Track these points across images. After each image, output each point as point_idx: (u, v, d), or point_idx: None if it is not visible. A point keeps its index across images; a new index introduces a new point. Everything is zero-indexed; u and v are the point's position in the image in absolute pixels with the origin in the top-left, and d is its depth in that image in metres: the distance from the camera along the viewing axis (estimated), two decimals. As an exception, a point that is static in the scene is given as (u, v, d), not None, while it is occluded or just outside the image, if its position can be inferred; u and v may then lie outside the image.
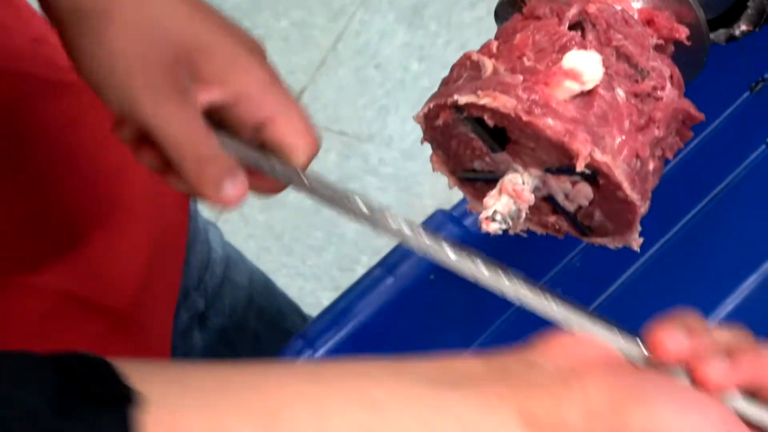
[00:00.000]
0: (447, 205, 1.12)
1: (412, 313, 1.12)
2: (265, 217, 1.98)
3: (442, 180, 0.91)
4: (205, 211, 1.19)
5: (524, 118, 0.70)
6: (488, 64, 0.74)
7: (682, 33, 0.77)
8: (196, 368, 0.62)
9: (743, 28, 0.82)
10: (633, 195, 0.72)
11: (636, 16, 0.77)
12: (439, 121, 0.75)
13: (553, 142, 0.71)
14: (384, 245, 1.12)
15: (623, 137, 0.73)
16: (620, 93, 0.73)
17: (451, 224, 1.06)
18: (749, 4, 0.81)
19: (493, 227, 0.72)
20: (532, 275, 0.70)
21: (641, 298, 1.22)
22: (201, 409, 0.58)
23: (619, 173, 0.71)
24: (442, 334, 1.15)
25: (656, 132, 0.75)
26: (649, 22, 0.77)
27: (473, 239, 0.96)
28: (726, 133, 1.12)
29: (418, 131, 0.84)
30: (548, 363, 0.63)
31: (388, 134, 1.95)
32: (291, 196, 1.13)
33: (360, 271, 1.22)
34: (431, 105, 0.75)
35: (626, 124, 0.73)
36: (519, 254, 0.84)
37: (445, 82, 0.78)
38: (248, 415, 0.59)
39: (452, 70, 0.78)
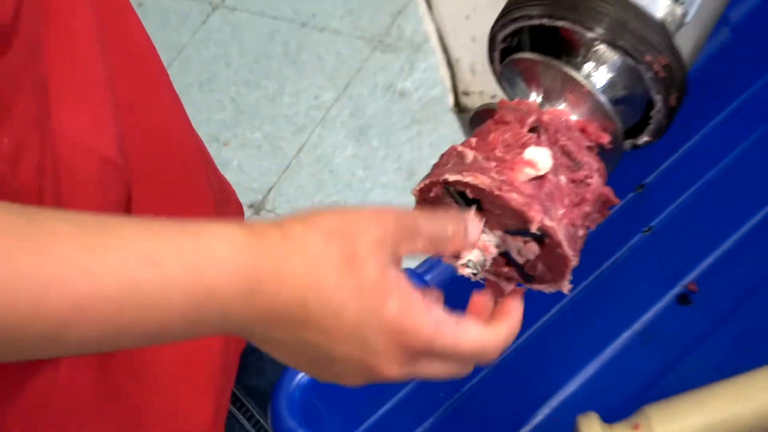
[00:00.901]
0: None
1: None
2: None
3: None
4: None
5: (496, 192, 0.76)
6: (469, 154, 0.80)
7: (605, 139, 0.84)
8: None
9: (645, 139, 0.89)
10: (569, 252, 0.78)
11: (575, 125, 0.83)
12: (432, 194, 0.80)
13: (515, 210, 0.77)
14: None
15: (564, 210, 0.80)
16: (562, 178, 0.81)
17: (415, 278, 1.05)
18: (651, 121, 0.86)
19: (467, 272, 0.77)
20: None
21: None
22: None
23: (561, 235, 0.77)
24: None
25: (586, 208, 0.82)
26: (583, 130, 0.83)
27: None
28: (615, 221, 1.11)
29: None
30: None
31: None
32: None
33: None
34: (427, 182, 0.80)
35: (566, 200, 0.81)
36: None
37: (436, 166, 0.82)
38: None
39: (441, 157, 0.83)
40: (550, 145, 0.82)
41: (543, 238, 0.80)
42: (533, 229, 0.78)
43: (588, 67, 0.84)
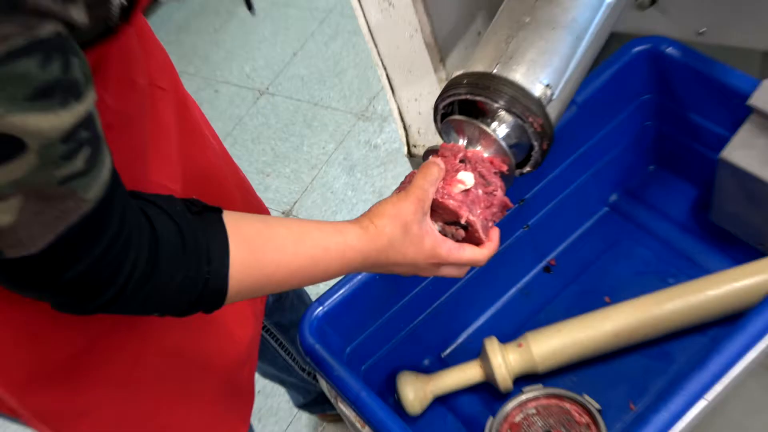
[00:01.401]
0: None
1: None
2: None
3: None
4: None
5: (440, 200, 0.78)
6: None
7: (505, 168, 0.83)
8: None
9: (527, 169, 0.86)
10: (482, 236, 0.80)
11: (486, 160, 0.82)
12: None
13: (451, 210, 0.79)
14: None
15: (480, 210, 0.80)
16: (480, 191, 0.81)
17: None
18: (531, 158, 0.84)
19: None
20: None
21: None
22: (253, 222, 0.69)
23: (478, 226, 0.79)
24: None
25: (494, 210, 0.82)
26: (491, 162, 0.82)
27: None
28: (508, 221, 1.07)
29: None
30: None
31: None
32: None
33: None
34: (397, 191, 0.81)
35: (482, 205, 0.81)
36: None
37: (402, 184, 0.82)
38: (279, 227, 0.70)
39: (405, 178, 0.83)
40: (473, 171, 0.82)
41: (467, 227, 0.81)
42: (462, 221, 0.80)
43: (494, 124, 0.83)
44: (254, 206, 1.08)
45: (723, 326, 1.14)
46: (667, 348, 1.15)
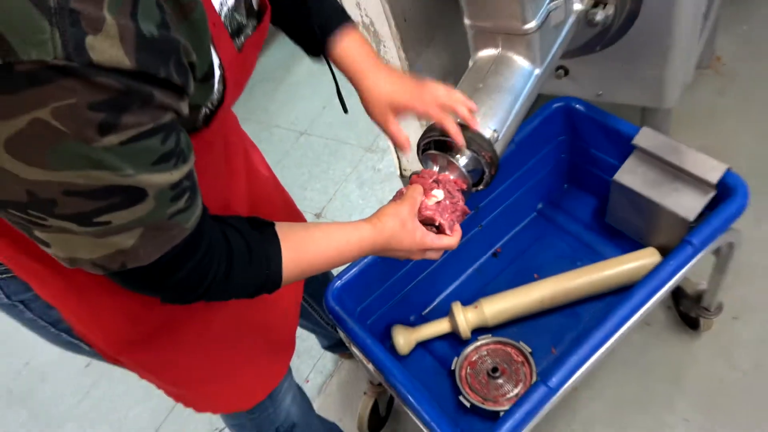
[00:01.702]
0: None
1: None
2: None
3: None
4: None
5: (421, 210, 0.76)
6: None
7: (464, 186, 0.81)
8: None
9: (481, 187, 0.84)
10: (449, 231, 0.77)
11: (453, 180, 0.80)
12: None
13: (429, 217, 0.76)
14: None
15: (448, 215, 0.77)
16: (447, 202, 0.78)
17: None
18: (484, 180, 0.82)
19: None
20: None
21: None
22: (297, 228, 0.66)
23: (446, 227, 0.76)
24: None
25: (457, 214, 0.79)
26: (456, 182, 0.80)
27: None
28: (467, 223, 1.15)
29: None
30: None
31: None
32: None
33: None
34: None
35: (449, 211, 0.78)
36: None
37: (394, 198, 0.79)
38: (315, 231, 0.67)
39: (397, 192, 0.80)
40: (442, 189, 0.80)
41: (439, 227, 0.78)
42: (436, 224, 0.78)
43: (458, 156, 0.81)
44: (295, 216, 1.05)
45: (615, 296, 1.13)
46: (577, 310, 1.14)
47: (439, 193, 0.79)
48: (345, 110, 0.83)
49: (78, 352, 0.74)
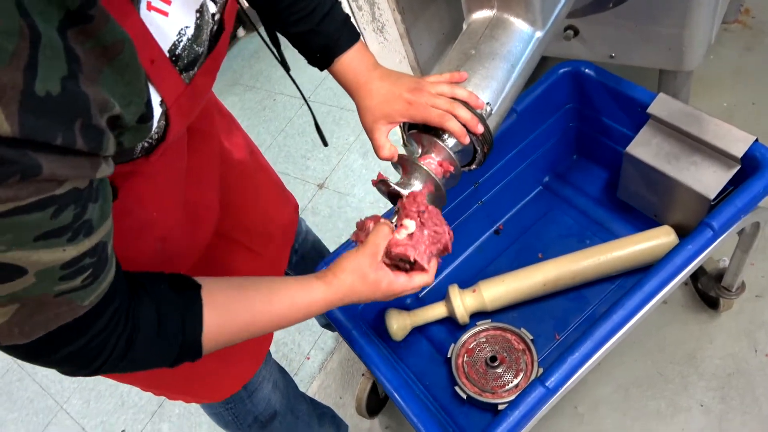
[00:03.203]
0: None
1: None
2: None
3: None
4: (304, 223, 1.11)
5: (391, 249, 0.65)
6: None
7: (452, 169, 0.71)
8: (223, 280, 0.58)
9: (474, 167, 0.75)
10: (426, 267, 0.66)
11: (436, 163, 0.70)
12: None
13: (399, 254, 0.65)
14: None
15: (426, 246, 0.66)
16: (425, 232, 0.67)
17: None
18: (476, 156, 0.73)
19: None
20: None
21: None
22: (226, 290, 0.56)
23: (423, 263, 0.65)
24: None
25: (439, 246, 0.68)
26: (441, 164, 0.70)
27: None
28: (466, 199, 1.09)
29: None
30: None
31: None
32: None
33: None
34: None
35: (428, 242, 0.67)
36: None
37: (356, 231, 0.71)
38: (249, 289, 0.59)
39: (357, 223, 0.71)
40: (420, 220, 0.68)
41: (414, 262, 0.67)
42: (411, 259, 0.66)
43: (445, 135, 0.71)
44: (284, 198, 0.97)
45: (626, 278, 1.03)
46: (584, 293, 1.04)
47: (410, 224, 0.68)
48: (324, 143, 0.80)
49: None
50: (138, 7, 0.46)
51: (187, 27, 0.52)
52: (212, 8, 0.55)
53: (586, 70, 1.02)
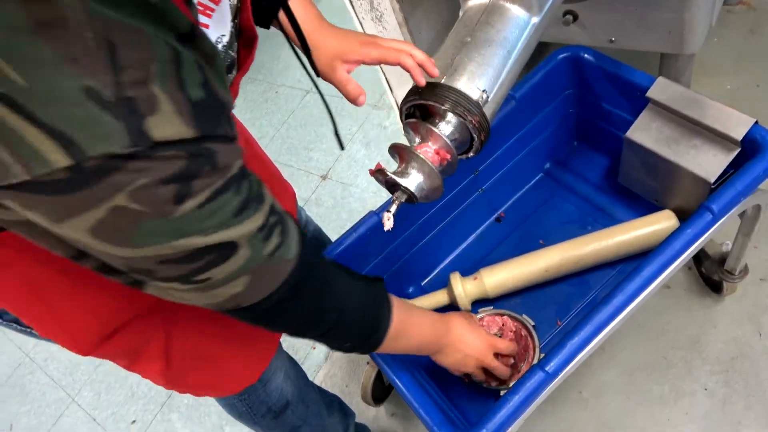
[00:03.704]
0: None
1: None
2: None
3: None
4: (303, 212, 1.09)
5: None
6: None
7: (448, 157, 0.70)
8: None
9: (471, 154, 0.75)
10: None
11: (433, 152, 0.70)
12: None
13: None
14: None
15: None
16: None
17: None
18: (473, 146, 0.73)
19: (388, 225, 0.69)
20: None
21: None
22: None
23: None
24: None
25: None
26: (437, 153, 0.69)
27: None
28: (466, 187, 1.09)
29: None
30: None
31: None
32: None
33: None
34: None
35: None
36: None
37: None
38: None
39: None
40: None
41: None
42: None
43: (441, 124, 0.71)
44: (282, 188, 0.99)
45: (628, 263, 1.03)
46: (586, 278, 1.04)
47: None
48: (341, 147, 0.81)
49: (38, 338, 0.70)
50: None
51: (223, 35, 0.59)
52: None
53: (585, 55, 1.01)
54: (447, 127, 0.71)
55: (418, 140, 0.72)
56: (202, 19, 0.55)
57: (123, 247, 0.42)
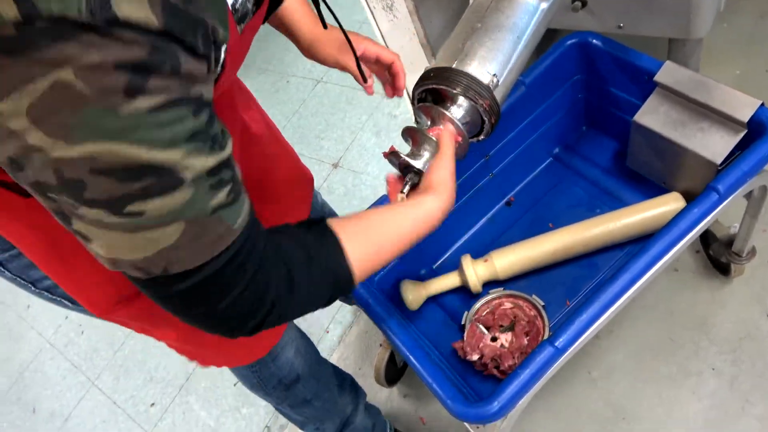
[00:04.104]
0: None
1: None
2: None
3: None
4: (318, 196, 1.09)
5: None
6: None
7: (460, 140, 0.72)
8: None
9: (482, 137, 0.77)
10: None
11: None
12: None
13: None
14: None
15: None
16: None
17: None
18: (484, 129, 0.75)
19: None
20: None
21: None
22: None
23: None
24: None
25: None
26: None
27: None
28: (478, 171, 1.10)
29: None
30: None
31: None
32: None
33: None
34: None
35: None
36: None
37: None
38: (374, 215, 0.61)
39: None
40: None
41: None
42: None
43: (453, 107, 0.73)
44: (300, 172, 1.01)
45: (636, 244, 1.04)
46: (594, 260, 1.06)
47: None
48: (365, 80, 0.81)
49: (66, 308, 0.73)
50: None
51: None
52: None
53: (594, 41, 1.03)
54: (458, 110, 0.73)
55: (429, 124, 0.74)
56: None
57: (58, 140, 0.37)
